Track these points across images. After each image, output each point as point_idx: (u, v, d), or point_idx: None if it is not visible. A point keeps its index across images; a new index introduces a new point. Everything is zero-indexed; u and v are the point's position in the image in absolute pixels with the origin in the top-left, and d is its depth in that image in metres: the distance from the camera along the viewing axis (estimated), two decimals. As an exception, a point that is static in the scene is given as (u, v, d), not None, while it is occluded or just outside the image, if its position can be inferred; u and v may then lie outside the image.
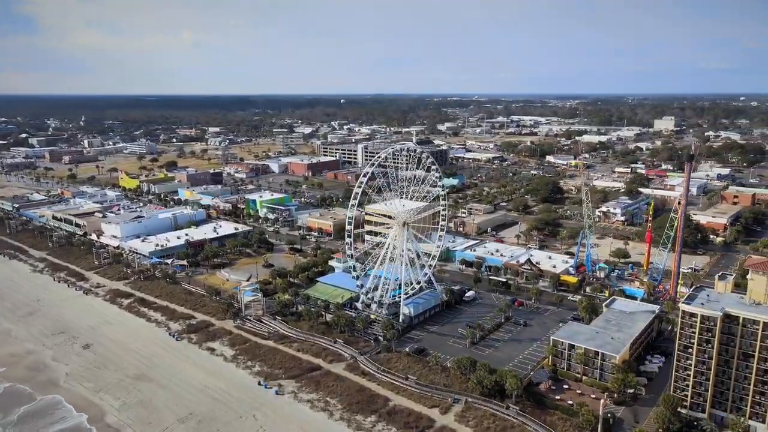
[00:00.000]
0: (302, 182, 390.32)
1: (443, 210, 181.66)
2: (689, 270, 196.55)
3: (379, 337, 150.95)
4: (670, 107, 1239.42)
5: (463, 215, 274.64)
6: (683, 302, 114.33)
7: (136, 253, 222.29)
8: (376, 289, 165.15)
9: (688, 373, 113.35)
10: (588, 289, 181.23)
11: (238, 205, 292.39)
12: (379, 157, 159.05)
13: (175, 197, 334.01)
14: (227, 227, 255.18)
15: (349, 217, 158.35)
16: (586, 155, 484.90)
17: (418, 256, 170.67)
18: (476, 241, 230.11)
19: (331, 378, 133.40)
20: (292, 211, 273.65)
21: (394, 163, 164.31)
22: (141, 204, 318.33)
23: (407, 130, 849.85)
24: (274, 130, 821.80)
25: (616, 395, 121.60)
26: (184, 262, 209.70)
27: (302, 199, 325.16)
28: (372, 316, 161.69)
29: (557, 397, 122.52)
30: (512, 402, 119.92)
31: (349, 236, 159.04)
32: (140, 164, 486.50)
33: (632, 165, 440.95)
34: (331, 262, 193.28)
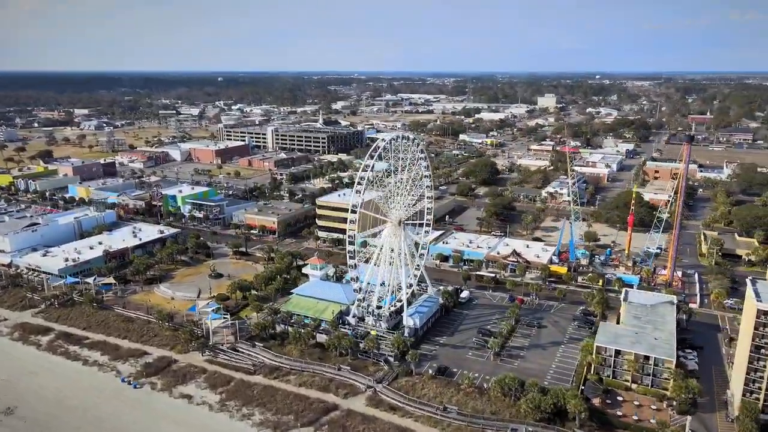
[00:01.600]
0: (214, 171, 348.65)
1: (429, 202, 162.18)
2: (658, 251, 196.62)
3: (389, 358, 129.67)
4: (541, 85, 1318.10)
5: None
6: (756, 300, 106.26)
7: (40, 272, 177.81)
8: (366, 298, 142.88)
9: (761, 375, 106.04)
10: (580, 279, 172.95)
11: (154, 203, 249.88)
12: (378, 147, 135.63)
13: (66, 195, 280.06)
14: (148, 231, 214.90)
15: (351, 221, 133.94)
16: (562, 139, 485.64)
17: (413, 257, 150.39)
18: (441, 232, 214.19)
19: (356, 420, 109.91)
20: (223, 207, 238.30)
21: (394, 153, 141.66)
22: (22, 206, 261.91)
23: (303, 109, 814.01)
24: (160, 112, 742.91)
25: (676, 403, 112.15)
26: (111, 280, 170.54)
27: (222, 191, 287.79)
28: (373, 332, 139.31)
29: (618, 413, 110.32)
30: (576, 426, 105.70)
31: (351, 242, 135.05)
32: (2, 155, 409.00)
33: (542, 143, 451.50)
34: (306, 269, 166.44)
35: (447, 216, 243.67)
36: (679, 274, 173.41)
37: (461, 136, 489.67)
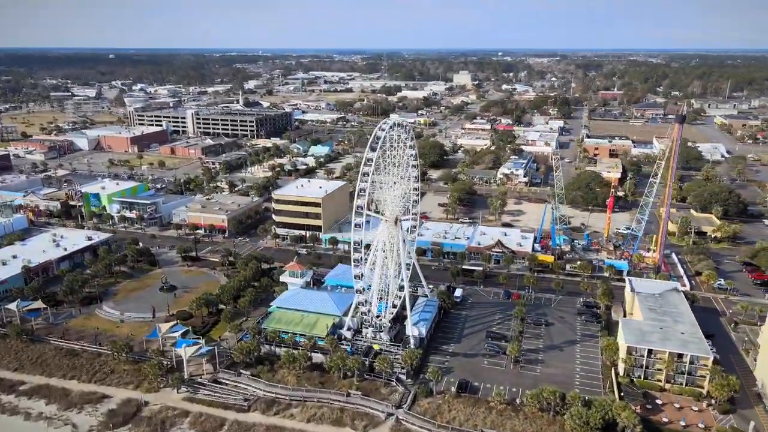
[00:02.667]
0: (134, 162, 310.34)
1: (416, 193, 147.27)
2: (628, 231, 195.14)
3: (401, 376, 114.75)
4: (450, 62, 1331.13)
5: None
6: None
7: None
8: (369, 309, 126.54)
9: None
10: (568, 267, 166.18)
11: (72, 203, 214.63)
12: (377, 138, 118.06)
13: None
14: (73, 237, 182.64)
15: (356, 224, 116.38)
16: (492, 117, 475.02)
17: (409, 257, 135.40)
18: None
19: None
20: (159, 205, 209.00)
21: (391, 143, 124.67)
22: None
23: (214, 89, 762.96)
24: (51, 94, 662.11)
25: (715, 402, 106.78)
26: (40, 304, 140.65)
27: (150, 185, 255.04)
28: (376, 347, 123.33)
29: (664, 419, 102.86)
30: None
31: (358, 249, 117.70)
32: None
33: (475, 121, 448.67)
34: (284, 277, 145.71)
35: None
36: (651, 253, 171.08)
37: (392, 116, 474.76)
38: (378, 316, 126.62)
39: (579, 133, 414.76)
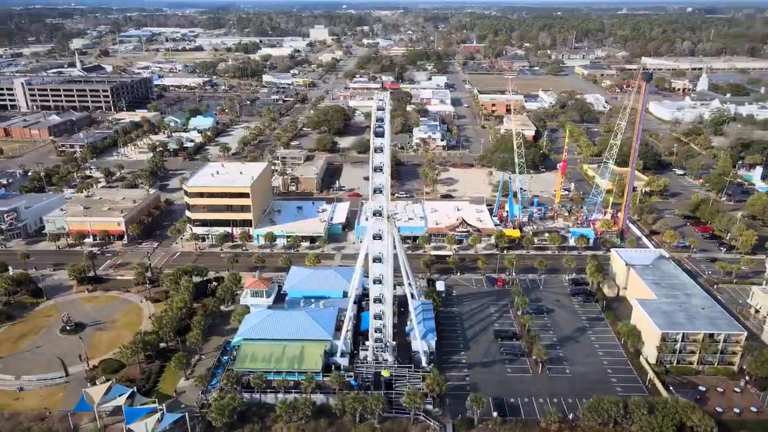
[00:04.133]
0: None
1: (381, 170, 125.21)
2: (566, 192, 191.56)
3: (427, 406, 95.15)
4: (297, 15, 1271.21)
5: (277, 167, 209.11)
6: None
7: None
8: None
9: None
10: (537, 240, 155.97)
11: None
12: (380, 119, 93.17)
13: None
14: None
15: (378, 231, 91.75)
16: (373, 75, 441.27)
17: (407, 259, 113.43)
18: (343, 203, 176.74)
19: None
20: (20, 210, 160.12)
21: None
22: None
23: (31, 50, 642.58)
24: None
25: (750, 379, 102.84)
26: None
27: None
28: (385, 372, 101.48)
29: (719, 409, 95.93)
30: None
31: (379, 260, 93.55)
32: None
33: (357, 80, 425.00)
34: (246, 299, 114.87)
35: (338, 182, 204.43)
36: (609, 216, 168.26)
37: (265, 77, 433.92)
38: (380, 331, 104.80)
39: (462, 88, 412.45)
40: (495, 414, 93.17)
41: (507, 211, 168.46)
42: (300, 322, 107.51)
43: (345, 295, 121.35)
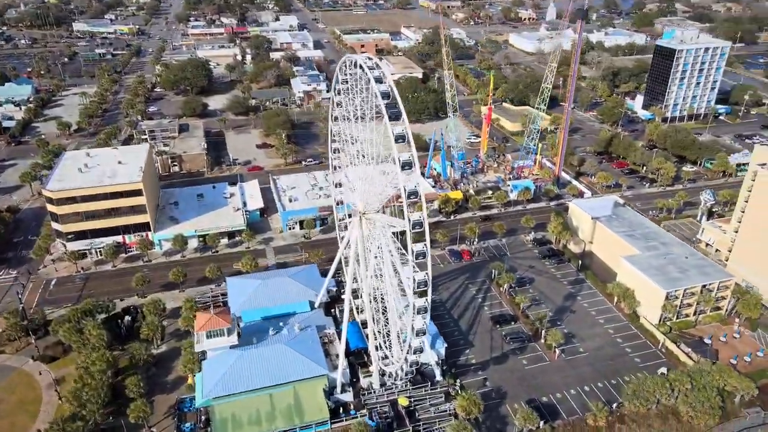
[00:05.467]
0: None
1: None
2: (476, 140, 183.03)
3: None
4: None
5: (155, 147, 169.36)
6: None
7: None
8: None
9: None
10: (480, 198, 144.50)
11: None
12: (383, 93, 70.88)
13: None
14: None
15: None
16: (211, 17, 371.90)
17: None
18: (251, 183, 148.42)
19: None
20: None
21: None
22: None
23: None
24: None
25: (742, 319, 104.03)
26: None
27: None
28: (402, 401, 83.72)
29: (733, 361, 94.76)
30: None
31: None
32: None
33: (195, 24, 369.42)
34: (201, 344, 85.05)
35: (231, 156, 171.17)
36: (536, 162, 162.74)
37: (76, 26, 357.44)
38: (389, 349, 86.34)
39: (316, 28, 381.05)
40: (542, 423, 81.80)
41: (435, 170, 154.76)
42: (282, 358, 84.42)
43: (312, 306, 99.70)
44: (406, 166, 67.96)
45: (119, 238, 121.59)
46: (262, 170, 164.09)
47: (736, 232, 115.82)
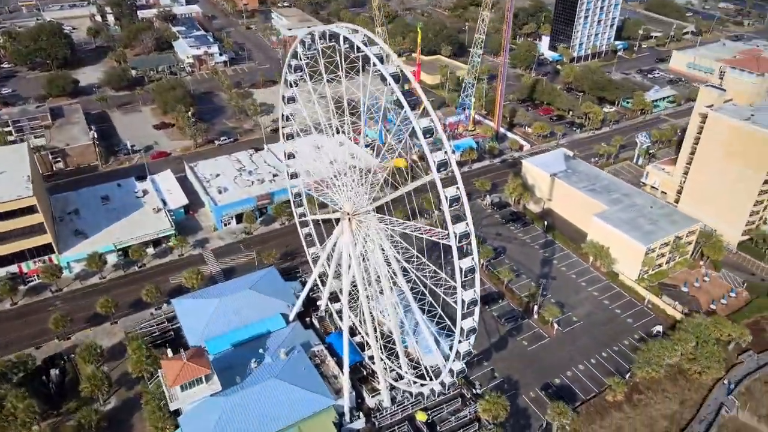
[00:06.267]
0: None
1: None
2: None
3: (490, 436, 74.15)
4: None
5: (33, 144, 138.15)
6: None
7: None
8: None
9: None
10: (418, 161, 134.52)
11: None
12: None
13: None
14: None
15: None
16: None
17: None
18: (164, 174, 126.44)
19: None
20: None
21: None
22: None
23: None
24: None
25: (705, 262, 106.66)
26: None
27: None
28: (421, 416, 74.67)
29: (712, 306, 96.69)
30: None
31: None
32: None
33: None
34: (177, 401, 67.61)
35: (125, 141, 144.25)
36: (468, 119, 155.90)
37: None
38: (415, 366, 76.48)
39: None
40: (570, 413, 76.95)
41: (368, 136, 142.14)
42: (278, 396, 71.19)
43: (286, 320, 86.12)
44: (442, 167, 55.80)
45: (14, 268, 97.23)
46: (169, 156, 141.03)
47: (686, 174, 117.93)
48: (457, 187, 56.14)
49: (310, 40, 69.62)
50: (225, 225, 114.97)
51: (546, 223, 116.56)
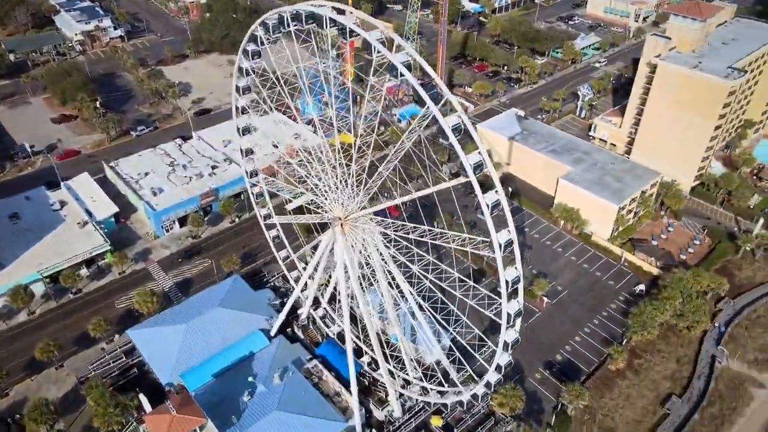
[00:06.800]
0: None
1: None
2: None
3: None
4: None
5: None
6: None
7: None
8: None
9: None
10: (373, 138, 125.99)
11: None
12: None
13: None
14: None
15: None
16: None
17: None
18: (81, 179, 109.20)
19: None
20: None
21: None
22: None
23: None
24: None
25: (666, 212, 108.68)
26: None
27: None
28: (436, 422, 69.82)
29: (683, 257, 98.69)
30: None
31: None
32: None
33: None
34: None
35: (23, 143, 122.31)
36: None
37: None
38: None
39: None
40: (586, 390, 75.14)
41: (306, 113, 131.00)
42: (287, 431, 63.11)
43: (268, 336, 77.17)
44: (478, 168, 48.43)
45: None
46: (79, 155, 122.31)
47: (636, 125, 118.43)
48: (497, 191, 49.03)
49: (277, 21, 58.57)
50: (167, 231, 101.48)
51: (510, 189, 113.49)
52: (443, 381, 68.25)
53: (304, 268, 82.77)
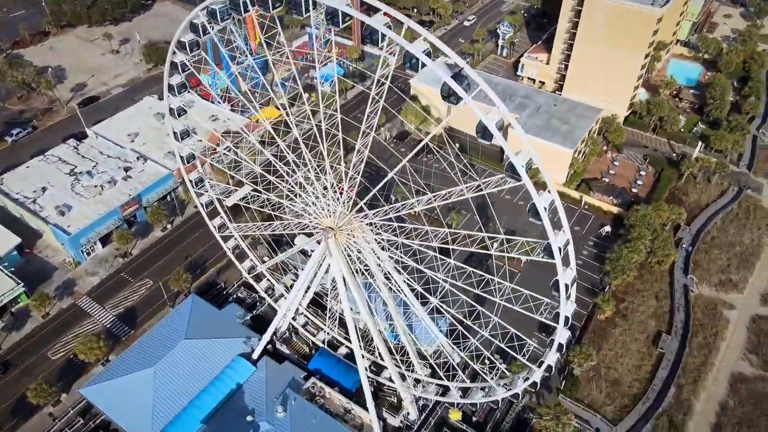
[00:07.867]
0: None
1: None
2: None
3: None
4: None
5: None
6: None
7: None
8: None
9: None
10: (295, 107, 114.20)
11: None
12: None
13: None
14: None
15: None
16: None
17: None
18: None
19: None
20: None
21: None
22: None
23: None
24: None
25: (609, 146, 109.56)
26: None
27: None
28: (454, 416, 65.93)
29: (634, 190, 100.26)
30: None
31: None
32: None
33: None
34: None
35: None
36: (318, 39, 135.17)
37: None
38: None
39: None
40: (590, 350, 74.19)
41: (217, 87, 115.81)
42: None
43: (251, 361, 68.11)
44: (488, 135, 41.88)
45: None
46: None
47: (567, 61, 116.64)
48: (549, 190, 43.34)
49: (231, 5, 46.68)
50: (88, 254, 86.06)
51: (458, 145, 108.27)
52: (484, 377, 63.03)
53: (278, 280, 73.94)
